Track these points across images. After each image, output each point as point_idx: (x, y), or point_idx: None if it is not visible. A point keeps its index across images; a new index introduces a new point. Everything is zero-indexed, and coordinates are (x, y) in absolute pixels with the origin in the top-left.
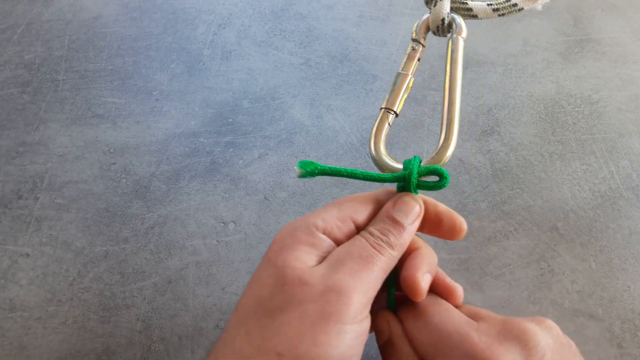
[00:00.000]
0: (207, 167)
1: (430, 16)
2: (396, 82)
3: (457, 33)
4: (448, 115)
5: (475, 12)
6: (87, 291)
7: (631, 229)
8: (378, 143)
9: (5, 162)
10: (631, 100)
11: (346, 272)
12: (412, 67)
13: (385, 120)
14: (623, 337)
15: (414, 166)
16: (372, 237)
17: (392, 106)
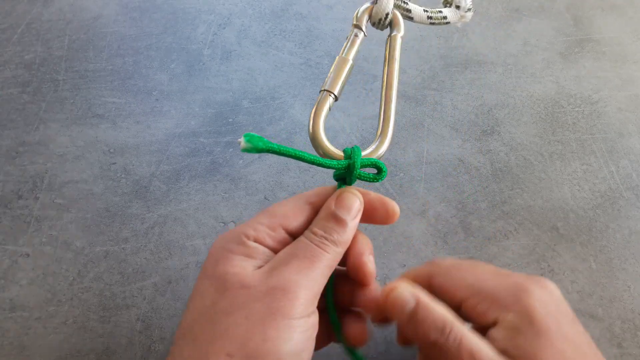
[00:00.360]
0: (207, 167)
1: (375, 8)
2: (337, 66)
3: (397, 31)
4: (385, 112)
5: (413, 14)
6: (87, 291)
7: (631, 229)
8: (317, 125)
9: (5, 162)
10: (631, 100)
11: (291, 270)
12: (353, 53)
13: (325, 102)
14: (623, 337)
15: (357, 157)
16: (316, 237)
17: (333, 89)
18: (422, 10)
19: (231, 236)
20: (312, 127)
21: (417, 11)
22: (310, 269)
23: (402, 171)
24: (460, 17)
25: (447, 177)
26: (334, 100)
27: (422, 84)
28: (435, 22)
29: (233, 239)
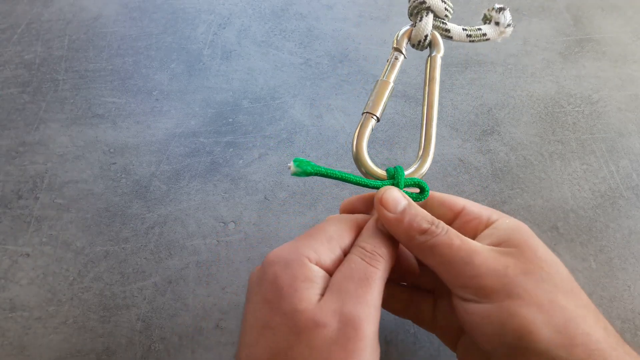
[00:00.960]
0: (207, 167)
1: (414, 31)
2: (378, 88)
3: (437, 51)
4: (426, 131)
5: (452, 34)
6: (87, 291)
7: (631, 229)
8: (360, 147)
9: (5, 162)
10: (631, 100)
11: (352, 299)
12: (394, 75)
13: (367, 124)
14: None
15: (401, 177)
16: (367, 252)
17: (375, 111)
18: (461, 29)
19: (293, 258)
20: (356, 149)
21: (456, 30)
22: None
23: None
24: (500, 33)
25: (447, 177)
26: (376, 121)
27: (422, 84)
28: (475, 40)
29: (295, 262)
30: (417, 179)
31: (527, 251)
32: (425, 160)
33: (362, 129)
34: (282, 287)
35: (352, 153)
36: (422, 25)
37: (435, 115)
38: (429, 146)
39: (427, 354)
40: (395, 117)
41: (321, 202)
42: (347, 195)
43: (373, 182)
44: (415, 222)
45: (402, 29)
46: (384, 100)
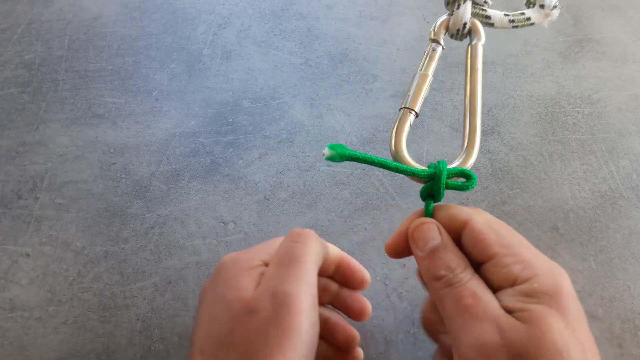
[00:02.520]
0: (207, 167)
1: (452, 19)
2: (416, 82)
3: (477, 39)
4: (471, 122)
5: (493, 20)
6: (87, 291)
7: (631, 229)
8: (399, 144)
9: (6, 162)
10: (631, 100)
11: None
12: (432, 68)
13: (406, 120)
14: (623, 337)
15: (444, 166)
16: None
17: (414, 106)
18: (503, 14)
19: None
20: (395, 145)
21: (497, 17)
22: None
23: None
24: (546, 16)
25: None
26: (415, 116)
27: None
28: (519, 25)
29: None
30: (462, 167)
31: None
32: (471, 152)
33: (400, 125)
34: (227, 279)
35: (391, 151)
36: (460, 13)
37: (479, 106)
38: (474, 138)
39: (427, 354)
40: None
41: (321, 202)
42: (347, 195)
43: (414, 170)
44: (434, 267)
45: (439, 19)
46: (422, 93)
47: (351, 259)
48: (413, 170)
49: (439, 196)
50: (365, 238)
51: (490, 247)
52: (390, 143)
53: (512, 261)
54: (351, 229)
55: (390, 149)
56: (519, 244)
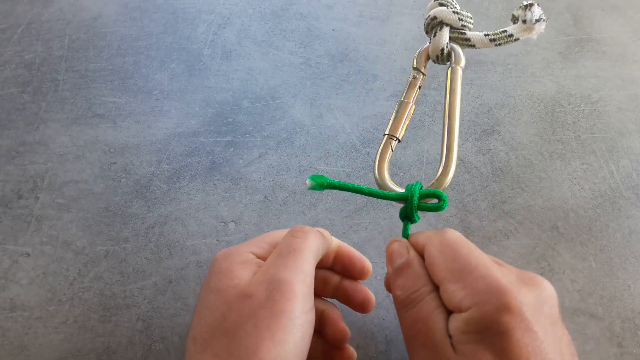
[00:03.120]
0: (207, 167)
1: (430, 46)
2: (398, 109)
3: (456, 63)
4: (447, 142)
5: (473, 42)
6: (87, 291)
7: (631, 228)
8: (382, 169)
9: (6, 161)
10: (631, 100)
11: (279, 268)
12: (414, 95)
13: (388, 146)
14: (623, 337)
15: (416, 188)
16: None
17: (395, 133)
18: (483, 35)
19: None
20: (378, 172)
21: (477, 38)
22: (295, 259)
23: (402, 171)
24: (529, 30)
25: None
26: (397, 143)
27: None
28: (502, 43)
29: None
30: (432, 189)
31: None
32: (447, 172)
33: (383, 151)
34: (220, 271)
35: (374, 176)
36: (437, 40)
37: (456, 126)
38: (451, 157)
39: None
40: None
41: (321, 202)
42: (347, 195)
43: (386, 194)
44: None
45: (421, 47)
46: (403, 121)
47: (350, 249)
48: (386, 195)
49: (413, 218)
50: (366, 237)
51: (437, 273)
52: (373, 169)
53: (455, 288)
54: (351, 229)
55: (374, 174)
56: (468, 269)
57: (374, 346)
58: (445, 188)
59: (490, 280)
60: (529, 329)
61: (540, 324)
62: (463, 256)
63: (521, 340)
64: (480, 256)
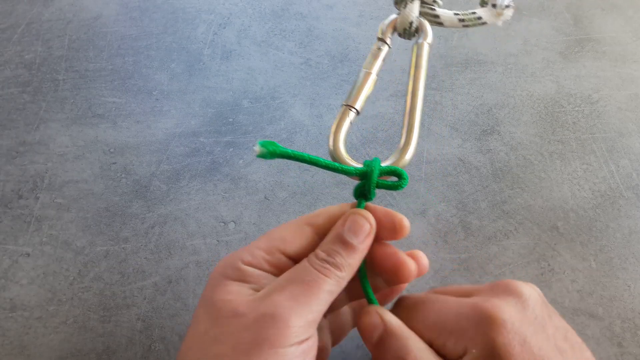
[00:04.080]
0: (207, 167)
1: (399, 18)
2: (359, 79)
3: (423, 38)
4: (409, 120)
5: (442, 19)
6: (87, 291)
7: (631, 228)
8: (337, 140)
9: (6, 161)
10: (631, 100)
11: (284, 296)
12: (376, 66)
13: (346, 117)
14: (623, 337)
15: (376, 164)
16: (317, 260)
17: (354, 104)
18: (453, 14)
19: (228, 261)
20: (333, 143)
21: (446, 16)
22: (306, 295)
23: None
24: (498, 15)
25: (447, 177)
26: (356, 114)
27: None
28: (470, 25)
29: (230, 264)
30: (393, 166)
31: None
32: (406, 150)
33: (339, 122)
34: (214, 285)
35: (329, 148)
36: (407, 12)
37: (419, 103)
38: (412, 135)
39: None
40: (395, 117)
41: (321, 202)
42: (347, 195)
43: (345, 168)
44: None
45: (387, 18)
46: (364, 92)
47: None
48: (344, 168)
49: (370, 195)
50: None
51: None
52: (328, 141)
53: (442, 340)
54: None
55: (329, 146)
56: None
57: None
58: (404, 166)
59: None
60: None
61: (530, 332)
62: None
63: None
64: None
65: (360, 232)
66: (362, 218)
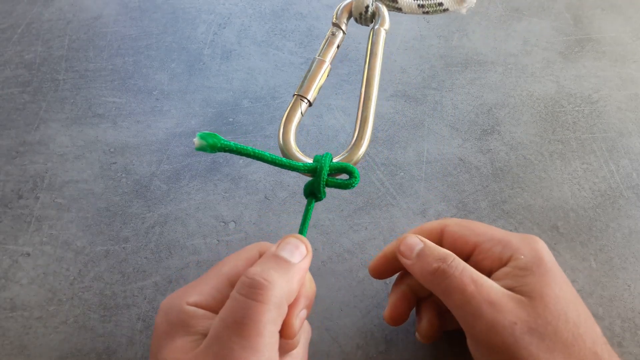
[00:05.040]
0: (207, 167)
1: (354, 2)
2: (311, 68)
3: (380, 24)
4: (363, 112)
5: (400, 4)
6: (87, 290)
7: (631, 228)
8: (288, 133)
9: (6, 161)
10: (631, 100)
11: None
12: (330, 54)
13: (297, 107)
14: (623, 336)
15: (326, 161)
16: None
17: (306, 94)
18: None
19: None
20: (282, 137)
21: (404, 2)
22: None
23: (402, 170)
24: (460, 2)
25: (448, 177)
26: (308, 105)
27: (422, 84)
28: (430, 11)
29: (174, 307)
30: (344, 163)
31: (538, 302)
32: (359, 145)
33: (290, 113)
34: (160, 337)
35: (279, 143)
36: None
37: (374, 94)
38: (365, 129)
39: (427, 354)
40: (395, 117)
41: (321, 202)
42: (347, 194)
43: (293, 164)
44: (427, 264)
45: (342, 3)
46: (317, 81)
47: None
48: (292, 165)
49: (319, 194)
50: (366, 237)
51: (469, 239)
52: (278, 134)
53: (491, 245)
54: (351, 228)
55: (278, 140)
56: (491, 229)
57: (374, 346)
58: (356, 163)
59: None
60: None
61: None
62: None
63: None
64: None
65: (296, 251)
66: (296, 240)
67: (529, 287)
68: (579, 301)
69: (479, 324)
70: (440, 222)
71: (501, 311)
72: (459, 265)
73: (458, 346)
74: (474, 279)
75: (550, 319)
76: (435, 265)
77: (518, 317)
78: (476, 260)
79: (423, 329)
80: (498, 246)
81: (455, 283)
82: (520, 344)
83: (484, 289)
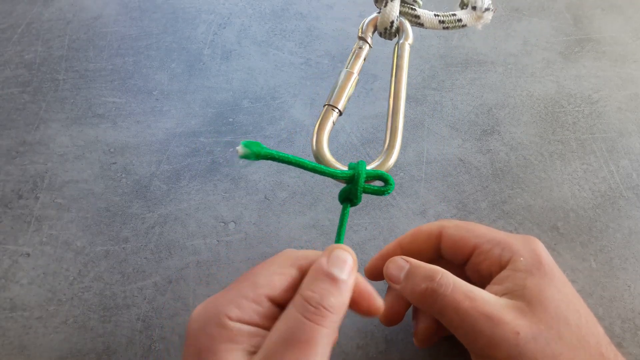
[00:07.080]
0: (207, 167)
1: (379, 17)
2: (341, 79)
3: (404, 39)
4: (392, 123)
5: (422, 20)
6: (87, 291)
7: (631, 229)
8: (321, 141)
9: (6, 161)
10: (631, 100)
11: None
12: (358, 66)
13: (329, 117)
14: (623, 337)
15: (362, 168)
16: (310, 306)
17: (337, 104)
18: (433, 15)
19: (210, 316)
20: (316, 144)
21: (427, 16)
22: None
23: (402, 171)
24: (478, 18)
25: (447, 177)
26: (339, 114)
27: (422, 84)
28: (450, 27)
29: (213, 320)
30: (380, 170)
31: (537, 307)
32: (391, 153)
33: (322, 122)
34: (201, 351)
35: (312, 149)
36: (387, 11)
37: (402, 106)
38: (395, 138)
39: (427, 353)
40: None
41: (321, 202)
42: None
43: (331, 170)
44: (415, 284)
45: (368, 17)
46: (346, 92)
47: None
48: (331, 172)
49: (356, 200)
50: (366, 237)
51: (468, 241)
52: (311, 141)
53: (490, 247)
54: (351, 229)
55: (312, 146)
56: (489, 231)
57: (374, 346)
58: (389, 169)
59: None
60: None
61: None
62: (479, 227)
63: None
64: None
65: (345, 266)
66: (344, 252)
67: (528, 290)
68: (580, 302)
69: (480, 340)
70: (437, 224)
71: (500, 324)
72: (448, 281)
73: (459, 346)
74: (467, 293)
75: (552, 323)
76: (423, 286)
77: (520, 327)
78: (475, 263)
79: (420, 334)
80: (497, 248)
81: (447, 301)
82: (527, 355)
83: (478, 303)
